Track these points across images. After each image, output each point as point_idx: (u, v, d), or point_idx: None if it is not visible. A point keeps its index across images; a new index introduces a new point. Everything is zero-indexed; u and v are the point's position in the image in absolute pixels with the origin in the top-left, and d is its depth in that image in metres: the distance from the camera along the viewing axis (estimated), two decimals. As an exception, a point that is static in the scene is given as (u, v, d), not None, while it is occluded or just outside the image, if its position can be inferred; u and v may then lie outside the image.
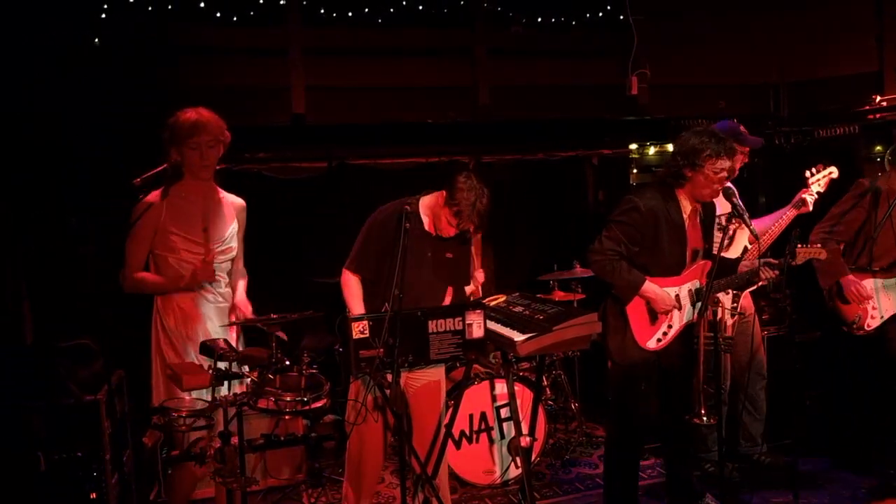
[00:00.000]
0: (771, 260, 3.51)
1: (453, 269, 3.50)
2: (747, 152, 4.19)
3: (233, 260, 3.61)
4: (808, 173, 4.13)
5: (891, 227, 4.04)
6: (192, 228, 3.42)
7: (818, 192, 4.08)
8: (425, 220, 3.42)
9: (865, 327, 4.13)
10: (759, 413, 4.37)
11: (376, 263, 3.36)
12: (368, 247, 3.40)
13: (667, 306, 3.39)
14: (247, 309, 3.54)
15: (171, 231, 3.39)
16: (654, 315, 3.42)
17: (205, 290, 3.46)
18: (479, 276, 5.23)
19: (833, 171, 4.12)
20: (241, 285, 3.66)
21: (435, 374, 3.49)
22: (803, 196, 4.09)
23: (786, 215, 4.12)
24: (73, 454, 3.38)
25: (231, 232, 3.55)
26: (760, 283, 3.67)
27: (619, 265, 3.33)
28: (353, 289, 3.42)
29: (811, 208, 4.10)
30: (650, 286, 3.35)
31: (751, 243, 4.14)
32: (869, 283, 4.11)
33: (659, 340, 3.44)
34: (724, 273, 3.60)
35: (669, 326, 3.44)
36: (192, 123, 3.35)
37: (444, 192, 3.29)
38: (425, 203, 3.44)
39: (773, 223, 4.13)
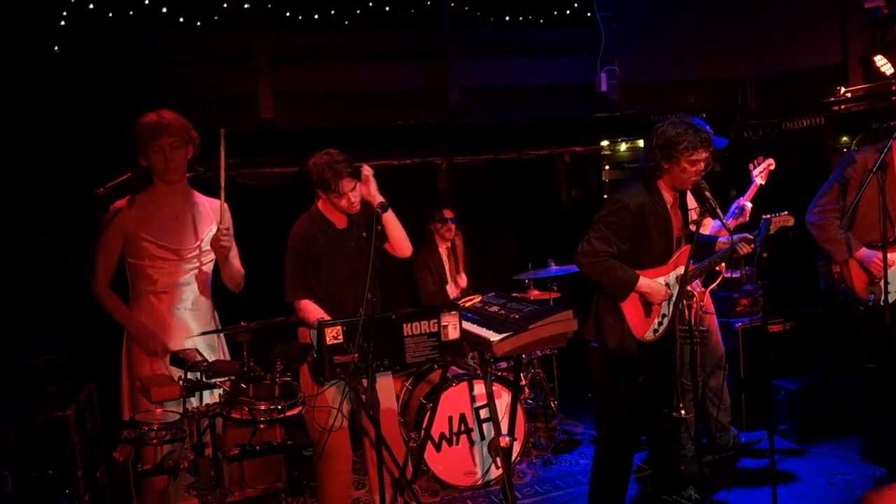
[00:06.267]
0: (746, 235, 3.53)
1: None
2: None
3: (215, 262, 3.50)
4: (751, 165, 4.31)
5: (879, 201, 3.96)
6: (164, 234, 3.34)
7: (761, 184, 4.25)
8: (334, 219, 3.45)
9: (881, 303, 4.04)
10: (723, 403, 4.41)
11: (316, 281, 3.36)
12: (301, 269, 3.38)
13: (662, 297, 3.40)
14: (223, 237, 3.30)
15: (143, 238, 3.31)
16: (648, 307, 3.43)
17: (181, 299, 3.39)
18: (461, 280, 5.23)
19: (771, 163, 4.28)
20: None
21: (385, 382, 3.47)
22: (742, 204, 4.24)
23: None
24: (44, 472, 3.31)
25: (211, 235, 3.44)
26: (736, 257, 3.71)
27: (611, 265, 3.32)
28: (313, 313, 3.32)
29: (748, 218, 4.21)
30: (644, 281, 3.36)
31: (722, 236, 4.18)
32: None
33: (655, 331, 3.45)
34: (703, 256, 3.63)
35: (664, 316, 3.45)
36: (152, 126, 3.27)
37: (319, 192, 3.38)
38: (323, 207, 3.46)
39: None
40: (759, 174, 4.26)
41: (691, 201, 3.66)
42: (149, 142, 3.28)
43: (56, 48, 4.40)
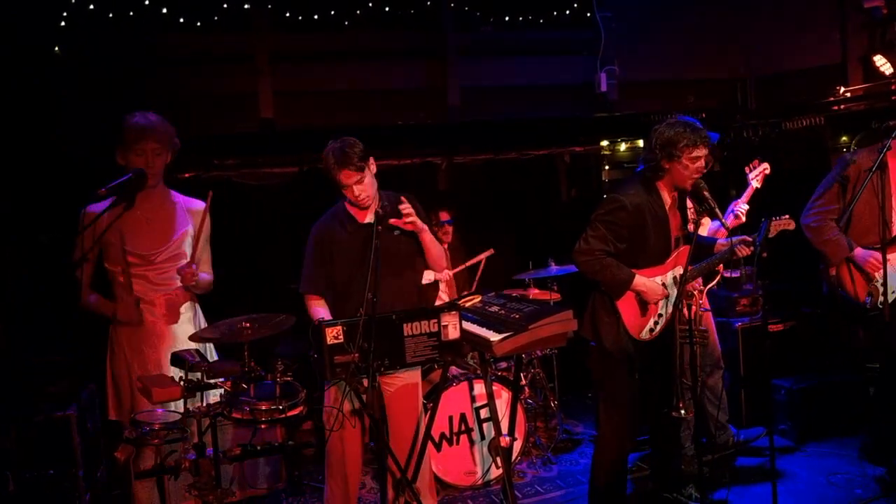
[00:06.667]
0: (745, 237, 3.53)
1: (406, 245, 3.43)
2: None
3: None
4: (747, 169, 4.28)
5: (876, 203, 3.89)
6: (133, 238, 3.33)
7: (757, 188, 4.22)
8: (354, 213, 3.42)
9: (879, 305, 4.00)
10: (721, 402, 4.40)
11: (326, 280, 3.36)
12: (312, 266, 3.38)
13: (658, 296, 3.41)
14: (187, 272, 3.30)
15: (113, 243, 3.31)
16: (644, 306, 3.43)
17: (160, 306, 3.37)
18: (444, 275, 5.11)
19: (766, 168, 4.24)
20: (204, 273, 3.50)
21: (411, 377, 3.47)
22: (736, 210, 4.21)
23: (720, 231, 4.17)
24: (45, 472, 3.31)
25: (181, 237, 3.43)
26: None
27: (607, 263, 3.33)
28: (316, 312, 3.34)
29: (744, 219, 4.19)
30: (640, 279, 3.36)
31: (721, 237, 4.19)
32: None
33: (652, 330, 3.46)
34: (702, 257, 3.63)
35: (660, 315, 3.45)
36: (139, 129, 3.26)
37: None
38: (347, 205, 3.43)
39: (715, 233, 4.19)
40: (755, 178, 4.25)
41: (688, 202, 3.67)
42: (133, 143, 3.27)
43: (56, 48, 4.40)
